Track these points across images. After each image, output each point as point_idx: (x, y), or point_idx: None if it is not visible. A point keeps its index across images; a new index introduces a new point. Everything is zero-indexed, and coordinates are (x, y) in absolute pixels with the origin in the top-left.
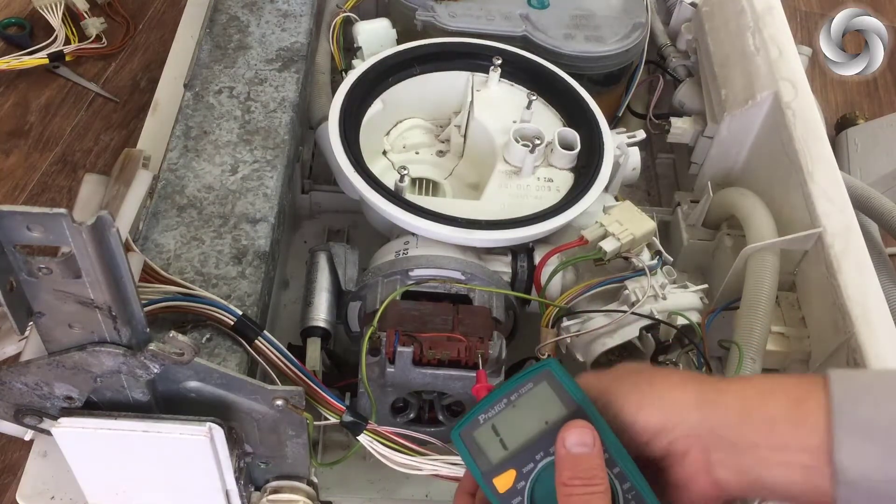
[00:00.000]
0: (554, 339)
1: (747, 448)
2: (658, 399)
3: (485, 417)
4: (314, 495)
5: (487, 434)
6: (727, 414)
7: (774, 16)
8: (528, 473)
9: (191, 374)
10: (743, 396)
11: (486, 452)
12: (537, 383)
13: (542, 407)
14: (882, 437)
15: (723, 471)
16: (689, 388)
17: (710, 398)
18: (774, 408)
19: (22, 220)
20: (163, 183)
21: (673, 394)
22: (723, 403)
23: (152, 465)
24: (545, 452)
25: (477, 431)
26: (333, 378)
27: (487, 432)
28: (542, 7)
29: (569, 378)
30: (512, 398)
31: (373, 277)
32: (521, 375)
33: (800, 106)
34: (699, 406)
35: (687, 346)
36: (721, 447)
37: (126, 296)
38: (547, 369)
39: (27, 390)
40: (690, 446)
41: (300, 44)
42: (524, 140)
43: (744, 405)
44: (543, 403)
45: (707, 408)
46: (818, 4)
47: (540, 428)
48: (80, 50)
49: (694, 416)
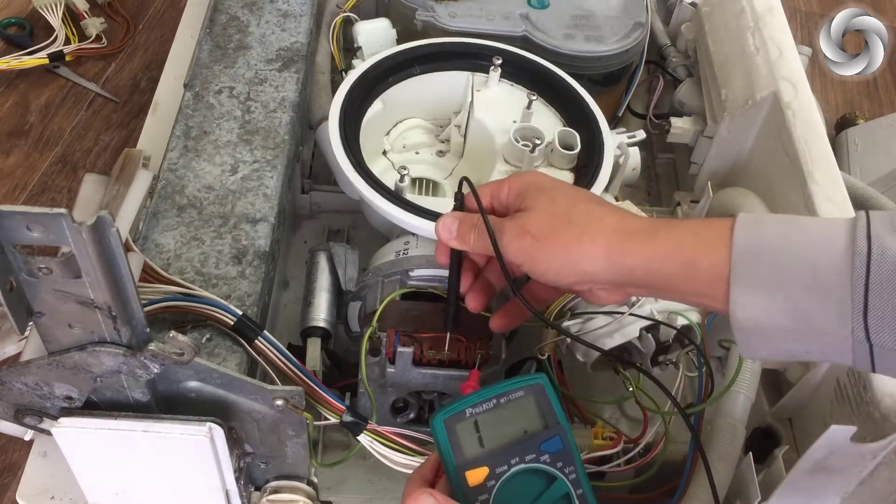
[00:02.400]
0: (554, 340)
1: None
2: (572, 265)
3: (471, 412)
4: (314, 495)
5: (469, 428)
6: (633, 274)
7: (774, 16)
8: (500, 474)
9: (191, 374)
10: (648, 257)
11: (463, 445)
12: (527, 393)
13: (525, 416)
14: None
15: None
16: (599, 244)
17: (618, 261)
18: (673, 268)
19: (22, 220)
20: (163, 183)
21: (585, 254)
22: (629, 266)
23: (152, 465)
24: (520, 459)
25: (460, 423)
26: (333, 378)
27: (470, 427)
28: (542, 7)
29: (556, 397)
30: (501, 401)
31: (373, 277)
32: (514, 382)
33: (800, 106)
34: (610, 266)
35: (687, 347)
36: (631, 286)
37: (126, 296)
38: (539, 383)
39: (27, 390)
40: (603, 289)
41: (300, 44)
42: (524, 140)
43: (647, 268)
44: (528, 413)
45: (617, 268)
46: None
47: (519, 435)
48: (80, 50)
49: (605, 275)
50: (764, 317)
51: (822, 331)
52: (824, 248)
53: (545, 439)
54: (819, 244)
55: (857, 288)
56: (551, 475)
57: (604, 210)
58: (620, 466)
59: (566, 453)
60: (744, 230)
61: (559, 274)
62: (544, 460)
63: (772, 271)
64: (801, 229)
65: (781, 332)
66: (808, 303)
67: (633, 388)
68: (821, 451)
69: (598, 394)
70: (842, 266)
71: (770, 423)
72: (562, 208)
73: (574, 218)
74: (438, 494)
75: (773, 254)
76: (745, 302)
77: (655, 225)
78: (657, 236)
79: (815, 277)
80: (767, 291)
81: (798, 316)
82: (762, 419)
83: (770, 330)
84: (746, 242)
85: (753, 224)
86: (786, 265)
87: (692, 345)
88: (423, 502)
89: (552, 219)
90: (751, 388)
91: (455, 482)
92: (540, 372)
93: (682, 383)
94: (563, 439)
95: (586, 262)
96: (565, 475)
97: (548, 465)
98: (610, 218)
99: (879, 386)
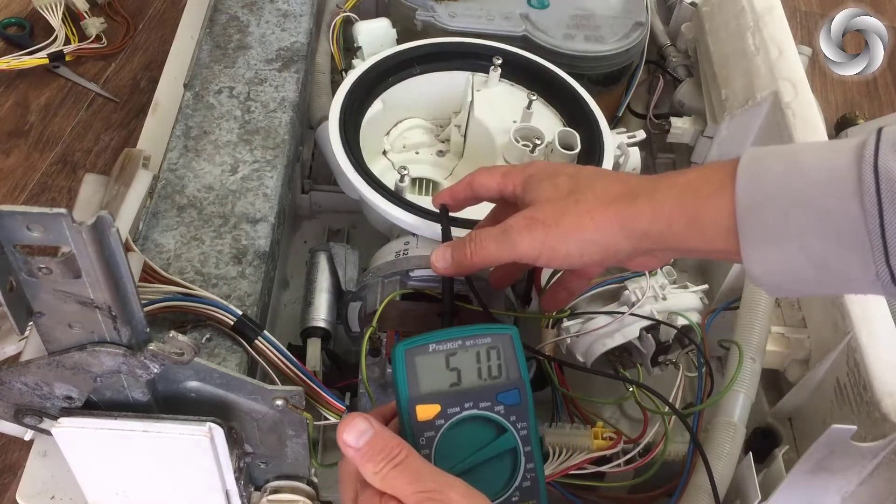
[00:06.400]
0: (554, 340)
1: (675, 251)
2: (592, 243)
3: (434, 348)
4: (314, 495)
5: (429, 363)
6: (649, 237)
7: (774, 16)
8: (451, 415)
9: (191, 374)
10: (655, 219)
11: (420, 378)
12: (494, 342)
13: (488, 364)
14: (781, 243)
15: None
16: (611, 215)
17: (631, 227)
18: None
19: (22, 219)
20: (163, 183)
21: (600, 229)
22: (643, 230)
23: (152, 465)
24: (474, 404)
25: (421, 357)
26: (333, 378)
27: (430, 362)
28: (542, 7)
29: (522, 353)
30: (467, 343)
31: (373, 278)
32: (485, 328)
33: (800, 106)
34: (626, 235)
35: (687, 347)
36: (657, 250)
37: (126, 296)
38: (509, 334)
39: (27, 390)
40: (634, 260)
41: (300, 44)
42: (524, 140)
43: (658, 230)
44: (491, 361)
45: (633, 235)
46: (818, 4)
47: (478, 380)
48: (80, 50)
49: (626, 244)
50: (782, 270)
51: (845, 277)
52: (830, 190)
53: (503, 390)
54: (823, 185)
55: (873, 230)
56: (502, 426)
57: (607, 180)
58: (620, 466)
59: (521, 409)
60: (744, 181)
61: (582, 255)
62: (498, 410)
63: (780, 222)
64: (803, 171)
65: (803, 283)
66: (825, 250)
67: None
68: (821, 451)
69: (598, 394)
70: (852, 208)
71: (770, 423)
72: (566, 190)
73: (581, 196)
74: (372, 419)
75: (777, 204)
76: (758, 257)
77: (655, 184)
78: (657, 197)
79: (827, 223)
80: (779, 244)
81: (817, 265)
82: (762, 419)
83: (791, 282)
84: (748, 195)
85: (754, 172)
86: (793, 215)
87: (692, 345)
88: (356, 424)
89: (560, 203)
90: (751, 388)
91: (404, 414)
92: (514, 326)
93: (682, 383)
94: (521, 394)
95: (603, 236)
96: (516, 430)
97: (500, 416)
98: (615, 186)
99: (879, 386)
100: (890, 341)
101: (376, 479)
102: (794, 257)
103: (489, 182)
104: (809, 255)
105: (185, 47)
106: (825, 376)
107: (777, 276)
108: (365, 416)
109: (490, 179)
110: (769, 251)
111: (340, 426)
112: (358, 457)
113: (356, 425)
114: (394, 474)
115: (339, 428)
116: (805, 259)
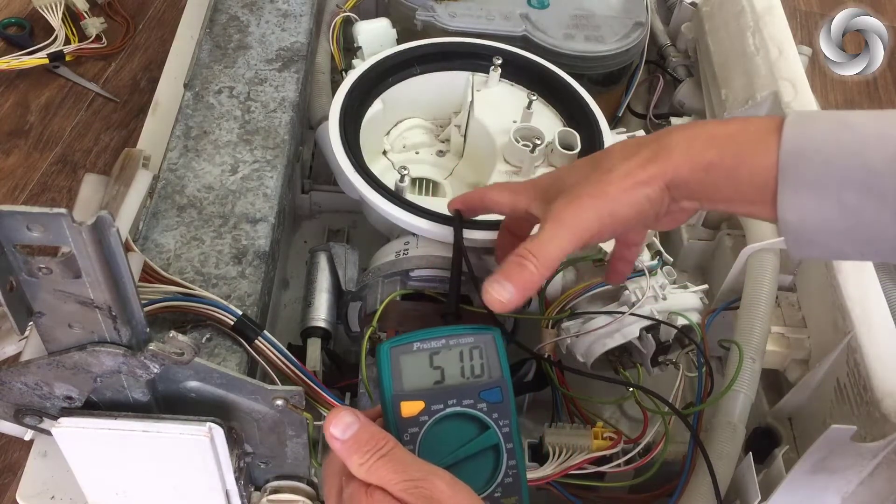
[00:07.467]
0: (554, 340)
1: (705, 202)
2: (644, 200)
3: (419, 346)
4: (314, 495)
5: (413, 361)
6: (684, 189)
7: (774, 16)
8: (435, 411)
9: (191, 374)
10: (694, 167)
11: (404, 376)
12: (477, 341)
13: (471, 362)
14: (819, 192)
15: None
16: (652, 170)
17: (669, 176)
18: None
19: (22, 219)
20: (163, 183)
21: (647, 186)
22: (681, 179)
23: (152, 465)
24: (457, 402)
25: (406, 355)
26: (333, 378)
27: (414, 360)
28: (542, 7)
29: (504, 353)
30: (451, 342)
31: (373, 278)
32: (468, 328)
33: (800, 106)
34: (666, 185)
35: (687, 347)
36: (686, 200)
37: (126, 296)
38: (491, 335)
39: (27, 390)
40: (664, 214)
41: (300, 44)
42: (524, 140)
43: (695, 178)
44: (474, 360)
45: (673, 185)
46: (818, 4)
47: (461, 379)
48: (80, 50)
49: (665, 198)
50: (814, 217)
51: (877, 234)
52: (878, 148)
53: (485, 388)
54: (872, 144)
55: None
56: (484, 423)
57: (625, 147)
58: (620, 466)
59: (504, 406)
60: (792, 129)
61: (639, 214)
62: (481, 408)
63: (823, 171)
64: (852, 128)
65: (833, 234)
66: (862, 204)
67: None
68: (821, 451)
69: (598, 394)
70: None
71: (770, 423)
72: (590, 168)
73: (609, 164)
74: (358, 413)
75: (823, 154)
76: (793, 203)
77: (688, 138)
78: (695, 146)
79: (869, 179)
80: (817, 192)
81: (851, 217)
82: (762, 419)
83: (820, 232)
84: (795, 143)
85: (802, 123)
86: (837, 165)
87: (692, 345)
88: (342, 417)
89: (593, 176)
90: (751, 388)
91: (389, 410)
92: (497, 328)
93: (682, 383)
94: (503, 392)
95: (650, 190)
96: (498, 427)
97: (483, 414)
98: (633, 150)
99: (879, 386)
100: (890, 341)
101: (362, 471)
102: (830, 207)
103: (501, 199)
104: (844, 207)
105: (185, 47)
106: (825, 376)
107: (806, 224)
108: (351, 409)
109: (501, 196)
110: (806, 198)
111: (327, 420)
112: (344, 449)
113: (342, 418)
114: (380, 465)
115: (325, 422)
116: (839, 210)
